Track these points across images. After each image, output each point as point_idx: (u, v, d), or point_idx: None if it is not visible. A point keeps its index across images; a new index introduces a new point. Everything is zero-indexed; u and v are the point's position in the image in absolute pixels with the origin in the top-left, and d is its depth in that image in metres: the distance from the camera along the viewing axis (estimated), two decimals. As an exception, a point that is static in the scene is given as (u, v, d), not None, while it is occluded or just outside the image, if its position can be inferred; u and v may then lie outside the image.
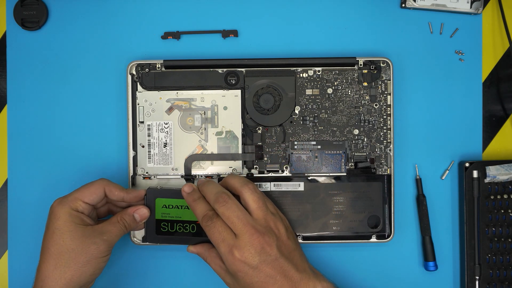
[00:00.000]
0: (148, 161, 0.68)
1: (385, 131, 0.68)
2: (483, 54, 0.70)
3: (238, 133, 0.68)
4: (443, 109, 0.70)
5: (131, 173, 0.68)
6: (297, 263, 0.61)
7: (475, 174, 0.68)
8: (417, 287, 0.70)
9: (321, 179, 0.68)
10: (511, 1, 0.70)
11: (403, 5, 0.69)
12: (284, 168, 0.68)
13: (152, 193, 0.65)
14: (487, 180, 0.68)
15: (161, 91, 0.68)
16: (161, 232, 0.66)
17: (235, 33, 0.70)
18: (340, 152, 0.68)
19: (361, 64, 0.68)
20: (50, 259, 0.59)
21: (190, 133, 0.68)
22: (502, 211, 0.68)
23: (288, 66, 0.68)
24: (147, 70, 0.68)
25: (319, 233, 0.68)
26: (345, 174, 0.68)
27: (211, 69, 0.68)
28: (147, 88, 0.68)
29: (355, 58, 0.68)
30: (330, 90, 0.68)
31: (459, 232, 0.70)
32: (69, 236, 0.59)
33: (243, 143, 0.68)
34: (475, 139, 0.70)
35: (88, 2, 0.70)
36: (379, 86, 0.68)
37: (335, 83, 0.68)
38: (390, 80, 0.68)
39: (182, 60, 0.68)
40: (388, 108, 0.68)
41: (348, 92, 0.68)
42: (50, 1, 0.70)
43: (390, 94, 0.68)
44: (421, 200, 0.69)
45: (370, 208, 0.68)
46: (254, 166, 0.68)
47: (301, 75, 0.68)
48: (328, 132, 0.68)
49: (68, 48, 0.70)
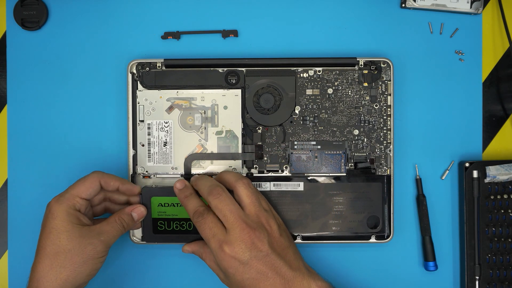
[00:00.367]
0: (148, 160, 0.68)
1: (385, 131, 0.68)
2: (483, 54, 0.71)
3: (238, 133, 0.68)
4: (443, 109, 0.70)
5: (131, 172, 0.68)
6: (291, 260, 0.60)
7: (475, 174, 0.68)
8: (417, 287, 0.70)
9: (321, 179, 0.68)
10: (511, 1, 0.70)
11: (403, 5, 0.69)
12: (284, 168, 0.68)
13: (147, 192, 0.65)
14: (487, 180, 0.68)
15: (161, 90, 0.68)
16: (158, 231, 0.66)
17: (235, 33, 0.70)
18: (340, 152, 0.68)
19: (361, 65, 0.68)
20: (46, 259, 0.58)
21: (190, 132, 0.68)
22: (502, 211, 0.68)
23: (288, 66, 0.68)
24: (147, 69, 0.68)
25: (318, 233, 0.68)
26: (345, 174, 0.68)
27: (212, 69, 0.68)
28: (148, 87, 0.68)
29: (355, 58, 0.68)
30: (330, 90, 0.68)
31: (459, 232, 0.70)
32: (66, 236, 0.58)
33: (243, 143, 0.68)
34: (475, 139, 0.70)
35: (88, 2, 0.70)
36: (380, 87, 0.68)
37: (336, 83, 0.68)
38: (390, 81, 0.68)
39: (183, 59, 0.68)
40: (388, 109, 0.68)
41: (348, 92, 0.68)
42: (50, 1, 0.70)
43: (390, 95, 0.68)
44: (421, 200, 0.69)
45: (369, 209, 0.68)
46: (254, 165, 0.68)
47: (302, 75, 0.68)
48: (328, 132, 0.68)
49: (68, 48, 0.70)
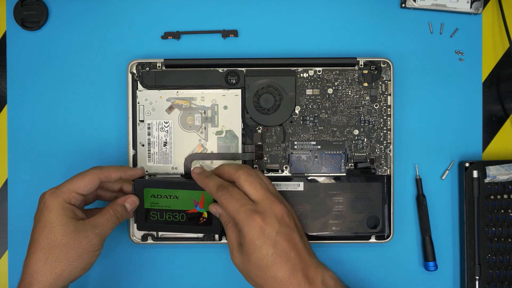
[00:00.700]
0: (148, 160, 0.68)
1: (385, 131, 0.68)
2: (483, 54, 0.71)
3: (238, 133, 0.68)
4: (443, 109, 0.70)
5: (133, 170, 0.68)
6: (307, 245, 0.60)
7: (475, 174, 0.68)
8: (417, 287, 0.70)
9: (320, 179, 0.68)
10: (511, 1, 0.70)
11: (403, 5, 0.69)
12: (284, 168, 0.68)
13: (140, 184, 0.65)
14: (487, 180, 0.68)
15: (161, 90, 0.68)
16: (151, 220, 0.66)
17: (235, 33, 0.70)
18: (340, 152, 0.68)
19: (361, 65, 0.68)
20: (40, 253, 0.57)
21: (190, 132, 0.68)
22: (502, 211, 0.68)
23: (288, 66, 0.68)
24: (147, 69, 0.68)
25: (318, 233, 0.68)
26: (345, 174, 0.68)
27: (212, 69, 0.68)
28: (148, 87, 0.68)
29: (355, 58, 0.68)
30: (330, 90, 0.68)
31: (459, 232, 0.70)
32: (61, 230, 0.58)
33: (243, 143, 0.68)
34: (475, 139, 0.70)
35: (88, 2, 0.70)
36: (380, 87, 0.68)
37: (336, 83, 0.68)
38: (390, 81, 0.68)
39: (183, 59, 0.68)
40: (388, 109, 0.68)
41: (348, 92, 0.68)
42: (50, 1, 0.70)
43: (390, 95, 0.68)
44: (421, 200, 0.69)
45: (369, 209, 0.68)
46: (254, 165, 0.68)
47: (302, 75, 0.68)
48: (328, 132, 0.68)
49: (68, 48, 0.70)
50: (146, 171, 0.67)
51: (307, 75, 0.68)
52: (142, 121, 0.68)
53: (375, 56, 0.70)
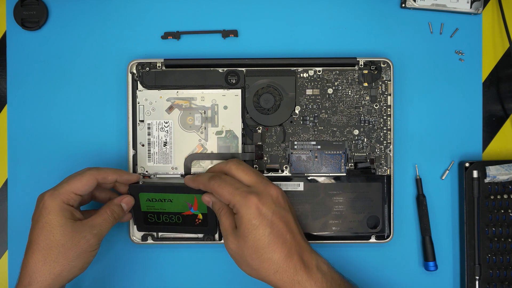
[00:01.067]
0: (148, 160, 0.68)
1: (385, 131, 0.68)
2: (483, 54, 0.71)
3: (238, 133, 0.68)
4: (443, 109, 0.70)
5: (131, 171, 0.67)
6: (300, 230, 0.60)
7: (475, 174, 0.68)
8: (417, 287, 0.70)
9: (320, 179, 0.68)
10: (511, 1, 0.70)
11: (403, 5, 0.69)
12: (284, 168, 0.68)
13: (134, 189, 0.65)
14: (487, 180, 0.68)
15: (161, 90, 0.68)
16: (149, 222, 0.67)
17: (235, 33, 0.70)
18: (340, 152, 0.68)
19: (361, 65, 0.68)
20: (39, 253, 0.57)
21: (190, 132, 0.68)
22: (502, 211, 0.68)
23: (288, 66, 0.68)
24: (147, 69, 0.68)
25: (318, 233, 0.68)
26: (345, 174, 0.68)
27: (212, 69, 0.68)
28: (148, 87, 0.68)
29: (355, 58, 0.68)
30: (330, 90, 0.68)
31: (459, 232, 0.70)
32: (60, 231, 0.58)
33: (243, 143, 0.68)
34: (475, 139, 0.70)
35: (88, 2, 0.70)
36: (380, 87, 0.68)
37: (336, 83, 0.68)
38: (390, 81, 0.68)
39: (183, 59, 0.68)
40: (388, 109, 0.68)
41: (348, 92, 0.68)
42: (50, 1, 0.70)
43: (390, 95, 0.68)
44: (421, 200, 0.69)
45: (369, 209, 0.68)
46: (254, 165, 0.68)
47: (302, 75, 0.68)
48: (328, 132, 0.68)
49: (68, 48, 0.70)
50: (142, 176, 0.67)
51: (307, 75, 0.68)
52: (142, 121, 0.68)
53: (375, 56, 0.70)
